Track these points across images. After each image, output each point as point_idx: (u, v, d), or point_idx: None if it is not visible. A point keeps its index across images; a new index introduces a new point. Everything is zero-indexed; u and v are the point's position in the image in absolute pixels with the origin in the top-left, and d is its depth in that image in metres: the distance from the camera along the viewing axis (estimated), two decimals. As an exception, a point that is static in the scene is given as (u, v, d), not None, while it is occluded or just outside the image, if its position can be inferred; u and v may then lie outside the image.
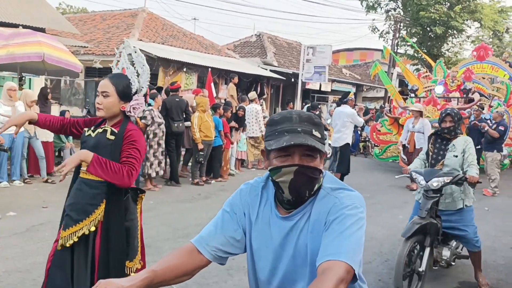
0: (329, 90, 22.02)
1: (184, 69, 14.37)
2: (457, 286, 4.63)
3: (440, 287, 4.59)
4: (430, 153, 4.43)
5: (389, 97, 19.56)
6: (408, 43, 21.42)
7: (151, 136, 8.09)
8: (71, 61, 9.39)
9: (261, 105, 12.59)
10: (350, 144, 9.57)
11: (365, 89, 26.84)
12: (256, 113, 11.11)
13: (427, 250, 4.08)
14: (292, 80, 18.81)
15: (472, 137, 10.04)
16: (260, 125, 11.19)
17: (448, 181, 4.02)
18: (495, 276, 4.81)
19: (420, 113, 9.82)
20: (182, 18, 62.94)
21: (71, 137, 10.34)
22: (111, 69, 3.13)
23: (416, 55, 24.49)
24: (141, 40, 14.87)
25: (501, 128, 9.71)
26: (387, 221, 6.96)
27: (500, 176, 11.51)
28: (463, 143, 4.26)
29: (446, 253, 4.45)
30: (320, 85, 20.47)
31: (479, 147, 10.26)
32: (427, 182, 4.07)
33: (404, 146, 11.42)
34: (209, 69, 13.06)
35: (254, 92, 13.81)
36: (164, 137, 8.39)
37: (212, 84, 12.54)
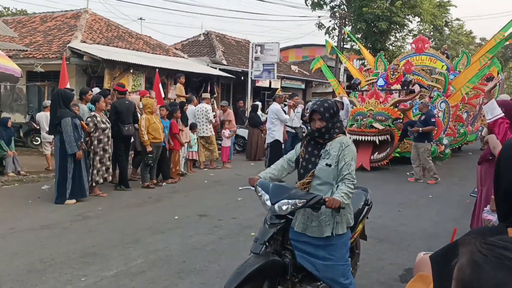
0: (279, 87, 22.19)
1: (131, 71, 14.08)
2: None
3: None
4: (300, 160, 3.31)
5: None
6: (354, 39, 21.86)
7: (95, 142, 7.87)
8: (9, 66, 9.00)
9: (212, 104, 12.54)
10: (281, 140, 9.64)
11: (314, 85, 27.26)
12: (207, 112, 11.04)
13: None
14: (242, 78, 18.83)
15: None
16: (211, 125, 11.16)
17: (301, 204, 2.97)
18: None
19: (342, 105, 9.54)
20: (128, 18, 61.67)
21: (13, 145, 9.93)
22: (53, 73, 3.04)
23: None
24: (84, 42, 14.43)
25: (433, 120, 9.89)
26: (337, 214, 7.08)
27: (442, 164, 12.03)
28: (338, 148, 3.15)
29: None
30: (270, 83, 20.61)
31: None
32: (273, 204, 3.04)
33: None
34: (157, 69, 12.85)
35: (209, 93, 13.76)
36: (110, 142, 8.19)
37: (160, 85, 12.37)
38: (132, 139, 9.21)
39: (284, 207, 3.02)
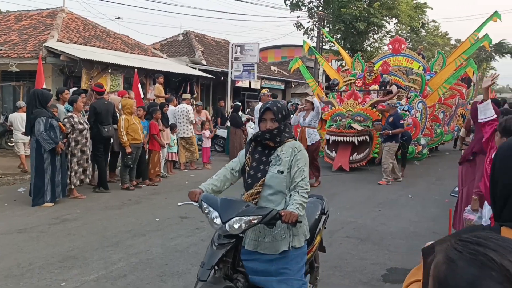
0: (259, 87, 22.21)
1: (109, 70, 13.87)
2: None
3: None
4: (247, 168, 2.94)
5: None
6: (331, 39, 22.02)
7: (73, 144, 7.73)
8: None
9: (191, 104, 12.45)
10: None
11: (293, 86, 27.37)
12: (187, 113, 10.96)
13: None
14: (222, 78, 18.78)
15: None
16: (191, 125, 11.08)
17: (256, 221, 2.63)
18: (418, 260, 5.03)
19: (312, 105, 9.26)
20: (105, 17, 60.84)
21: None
22: (29, 73, 2.97)
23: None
24: (61, 41, 14.17)
25: (401, 121, 9.87)
26: (318, 214, 7.10)
27: (420, 164, 12.21)
28: (290, 152, 2.86)
29: None
30: (250, 83, 20.60)
31: (405, 138, 10.59)
32: (224, 222, 2.64)
33: (328, 141, 11.69)
34: (136, 69, 12.71)
35: (189, 94, 13.67)
36: (88, 143, 8.05)
37: (139, 85, 12.23)
38: (111, 140, 9.08)
39: (236, 226, 2.62)
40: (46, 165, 7.20)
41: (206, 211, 2.76)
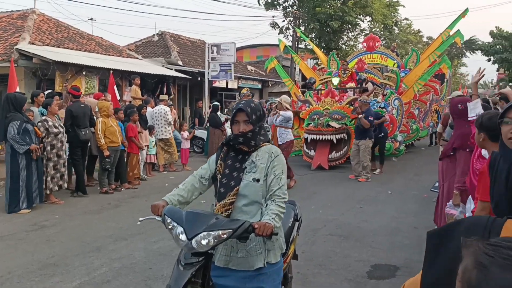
0: (236, 87, 22.17)
1: (84, 73, 13.62)
2: None
3: None
4: (219, 176, 2.67)
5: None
6: (305, 38, 22.09)
7: (48, 148, 7.56)
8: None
9: (169, 105, 12.33)
10: None
11: (270, 85, 27.41)
12: (165, 114, 10.86)
13: None
14: (199, 79, 18.67)
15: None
16: (169, 127, 10.98)
17: (226, 236, 2.35)
18: (402, 256, 5.13)
19: (281, 105, 9.28)
20: (78, 19, 59.87)
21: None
22: (0, 76, 2.87)
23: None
24: (33, 43, 13.84)
25: (371, 118, 9.90)
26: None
27: (397, 160, 12.37)
28: (266, 158, 2.61)
29: None
30: (227, 83, 20.54)
31: (382, 134, 10.79)
32: (190, 239, 2.37)
33: (306, 139, 11.66)
34: (111, 71, 12.52)
35: (166, 95, 13.53)
36: (64, 147, 7.88)
37: (115, 87, 12.06)
38: (89, 144, 8.92)
39: (204, 242, 2.34)
40: (22, 171, 7.02)
41: (169, 227, 2.46)
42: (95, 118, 8.87)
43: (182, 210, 2.55)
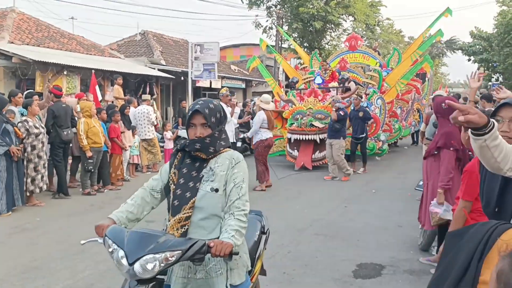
0: (220, 87, 22.09)
1: (65, 72, 13.43)
2: None
3: None
4: (172, 187, 2.36)
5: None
6: (288, 38, 22.11)
7: (29, 149, 7.42)
8: None
9: (151, 105, 12.23)
10: (234, 139, 9.38)
11: (254, 84, 27.40)
12: (148, 114, 10.76)
13: None
14: (182, 78, 18.55)
15: (355, 126, 10.77)
16: (153, 127, 10.89)
17: (174, 259, 2.05)
18: (388, 254, 5.16)
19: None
20: (58, 17, 58.94)
21: None
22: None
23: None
24: (12, 42, 13.60)
25: (341, 113, 9.86)
26: (285, 213, 7.14)
27: (381, 160, 12.45)
28: (227, 165, 2.33)
29: None
30: (211, 83, 20.45)
31: (364, 135, 10.75)
32: (131, 264, 2.03)
33: (289, 140, 11.49)
34: (93, 71, 12.36)
35: (149, 95, 13.40)
36: (45, 148, 7.74)
37: (97, 87, 11.91)
38: (71, 144, 8.79)
39: (149, 266, 2.01)
40: (2, 172, 6.87)
41: (109, 250, 2.11)
42: (76, 118, 8.74)
43: (126, 230, 2.19)
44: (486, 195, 2.15)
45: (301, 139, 11.27)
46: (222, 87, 20.25)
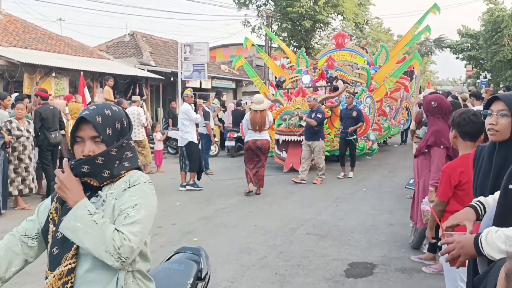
0: (210, 87, 22.05)
1: (53, 74, 13.32)
2: None
3: None
4: (52, 228, 1.75)
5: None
6: (273, 37, 21.97)
7: (9, 151, 7.33)
8: None
9: (141, 106, 12.16)
10: (196, 141, 9.08)
11: (244, 84, 27.39)
12: (138, 115, 10.70)
13: None
14: (172, 79, 18.49)
15: (347, 126, 10.60)
16: (143, 128, 10.83)
17: None
18: (379, 253, 5.17)
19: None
20: (46, 19, 58.51)
21: None
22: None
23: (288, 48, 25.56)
24: (-1, 44, 13.48)
25: (319, 115, 9.62)
26: (278, 213, 7.13)
27: (371, 159, 12.47)
28: (121, 189, 1.73)
29: None
30: (200, 83, 20.39)
31: (354, 136, 10.27)
32: None
33: (277, 141, 11.10)
34: (81, 72, 12.28)
35: (139, 96, 13.31)
36: (28, 151, 7.61)
37: (86, 89, 11.83)
38: (59, 147, 8.71)
39: None
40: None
41: None
42: (64, 120, 8.66)
43: None
44: (479, 191, 2.16)
45: (289, 140, 10.94)
46: (214, 87, 20.18)
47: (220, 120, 15.56)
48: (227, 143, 14.19)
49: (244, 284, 4.38)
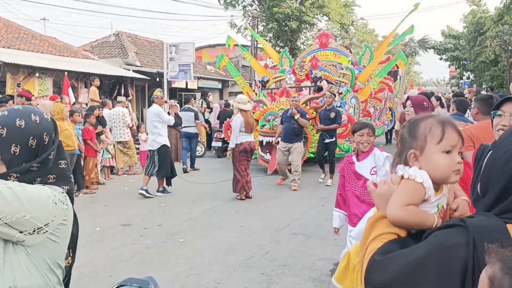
0: (196, 87, 22.01)
1: (37, 74, 13.16)
2: None
3: None
4: None
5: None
6: (256, 36, 21.92)
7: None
8: None
9: (127, 107, 12.09)
10: (169, 144, 8.76)
11: (230, 84, 27.37)
12: (124, 116, 10.63)
13: None
14: (157, 79, 18.42)
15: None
16: (128, 129, 10.77)
17: None
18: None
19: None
20: (29, 19, 57.76)
21: None
22: None
23: (274, 48, 25.62)
24: (-19, 44, 13.29)
25: (308, 116, 9.49)
26: (264, 213, 7.15)
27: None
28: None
29: None
30: (186, 83, 20.35)
31: (333, 139, 9.88)
32: None
33: (261, 142, 10.73)
34: (66, 72, 12.16)
35: (124, 96, 13.23)
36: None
37: (70, 89, 11.72)
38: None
39: None
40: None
41: None
42: (49, 121, 8.57)
43: None
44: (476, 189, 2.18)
45: (273, 141, 10.39)
46: (200, 87, 20.10)
47: (206, 121, 15.52)
48: (213, 144, 14.17)
49: (231, 284, 4.39)
